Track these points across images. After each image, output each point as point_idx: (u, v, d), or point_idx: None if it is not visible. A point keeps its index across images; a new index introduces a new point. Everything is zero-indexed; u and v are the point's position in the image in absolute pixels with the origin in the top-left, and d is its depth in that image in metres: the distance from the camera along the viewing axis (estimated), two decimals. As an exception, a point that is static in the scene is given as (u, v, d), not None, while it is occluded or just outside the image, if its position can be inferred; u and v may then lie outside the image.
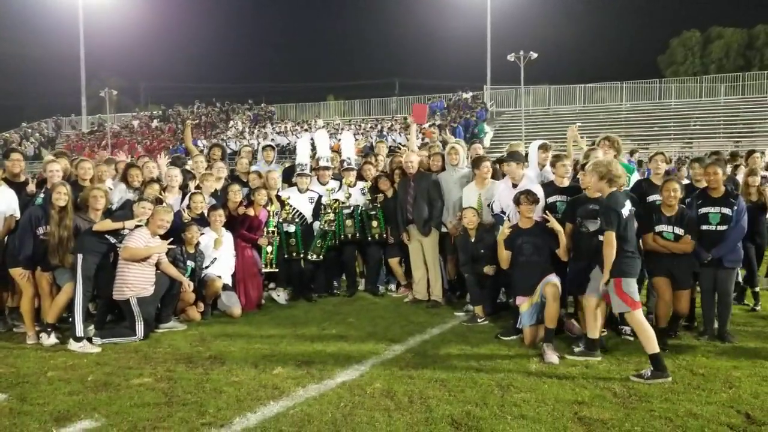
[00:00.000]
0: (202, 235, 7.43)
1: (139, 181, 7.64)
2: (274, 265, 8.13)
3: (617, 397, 4.71)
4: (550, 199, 6.55)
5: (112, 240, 6.42)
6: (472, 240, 7.04)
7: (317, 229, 8.31)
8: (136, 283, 6.43)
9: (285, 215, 8.23)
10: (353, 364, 5.50)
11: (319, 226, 8.30)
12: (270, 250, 8.06)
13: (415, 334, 6.54)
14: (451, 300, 7.99)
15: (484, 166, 7.40)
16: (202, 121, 42.30)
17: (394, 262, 8.50)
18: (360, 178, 8.74)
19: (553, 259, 6.16)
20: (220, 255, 7.59)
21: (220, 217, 7.55)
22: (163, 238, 6.68)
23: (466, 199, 7.41)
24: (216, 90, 57.44)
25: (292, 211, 8.31)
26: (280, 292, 8.30)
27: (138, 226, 6.50)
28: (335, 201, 8.40)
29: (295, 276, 8.39)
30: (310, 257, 8.24)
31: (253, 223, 7.97)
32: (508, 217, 6.64)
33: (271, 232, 8.07)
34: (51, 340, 6.24)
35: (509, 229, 6.28)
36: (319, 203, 8.46)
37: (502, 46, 38.25)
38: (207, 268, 7.48)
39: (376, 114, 42.01)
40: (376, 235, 8.33)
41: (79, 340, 6.04)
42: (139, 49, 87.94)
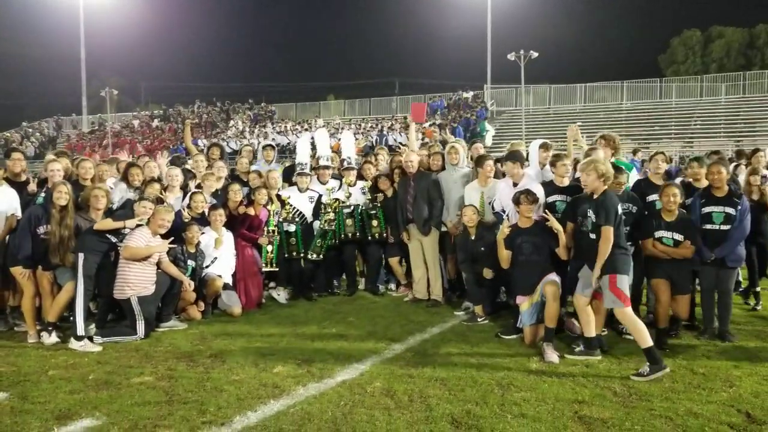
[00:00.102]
0: (203, 234, 7.44)
1: (140, 181, 7.65)
2: (275, 265, 8.14)
3: (617, 396, 4.72)
4: (550, 199, 6.55)
5: (113, 239, 6.43)
6: (472, 238, 7.04)
7: (317, 229, 8.32)
8: (136, 282, 6.43)
9: (285, 215, 8.24)
10: (353, 363, 5.50)
11: (319, 226, 8.31)
12: (270, 249, 8.07)
13: (415, 333, 6.54)
14: (451, 299, 8.00)
15: (488, 164, 7.41)
16: (203, 120, 42.30)
17: (394, 261, 8.51)
18: (360, 177, 8.75)
19: (553, 258, 6.16)
20: (220, 254, 7.61)
21: (221, 216, 7.56)
22: (164, 237, 6.70)
23: (468, 197, 7.40)
24: (216, 89, 57.67)
25: (293, 210, 8.32)
26: (280, 291, 8.31)
27: (139, 226, 6.51)
28: (335, 200, 8.41)
29: (296, 275, 8.40)
30: (310, 256, 8.25)
31: (254, 223, 7.98)
32: (507, 217, 6.64)
33: (271, 231, 8.08)
34: (52, 339, 6.25)
35: (509, 229, 6.29)
36: (320, 202, 8.47)
37: (502, 45, 38.37)
38: (207, 267, 7.50)
39: (376, 113, 41.99)
40: (376, 235, 8.34)
41: (80, 338, 6.06)
42: (140, 49, 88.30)
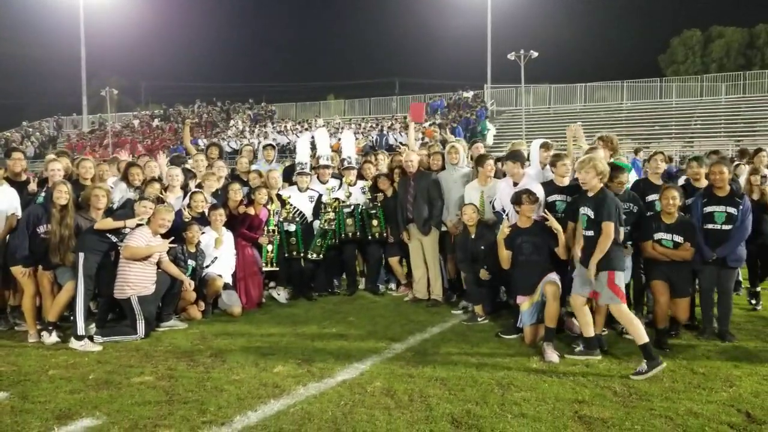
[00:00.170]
0: (203, 234, 7.44)
1: (140, 180, 7.65)
2: (275, 264, 8.15)
3: (617, 395, 4.72)
4: (550, 198, 6.54)
5: (114, 239, 6.43)
6: (472, 237, 7.04)
7: (317, 228, 8.32)
8: (137, 281, 6.43)
9: (285, 214, 8.24)
10: (353, 362, 5.51)
11: (319, 225, 8.31)
12: (270, 249, 8.07)
13: (415, 332, 6.54)
14: (451, 299, 8.00)
15: (488, 164, 7.42)
16: (203, 120, 42.28)
17: (395, 261, 8.51)
18: (360, 177, 8.75)
19: (552, 258, 6.16)
20: (220, 254, 7.61)
21: (221, 216, 7.56)
22: (164, 237, 6.70)
23: (468, 196, 7.41)
24: (217, 89, 57.66)
25: (293, 210, 8.32)
26: (280, 291, 8.31)
27: (139, 225, 6.50)
28: (335, 200, 8.41)
29: (296, 275, 8.40)
30: (310, 256, 8.25)
31: (254, 222, 7.98)
32: (507, 216, 6.64)
33: (271, 231, 8.08)
34: (52, 338, 6.26)
35: (509, 229, 6.29)
36: (320, 202, 8.47)
37: (502, 45, 38.34)
38: (208, 267, 7.50)
39: (376, 113, 41.94)
40: (377, 234, 8.34)
41: (80, 338, 6.06)
42: (140, 49, 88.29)
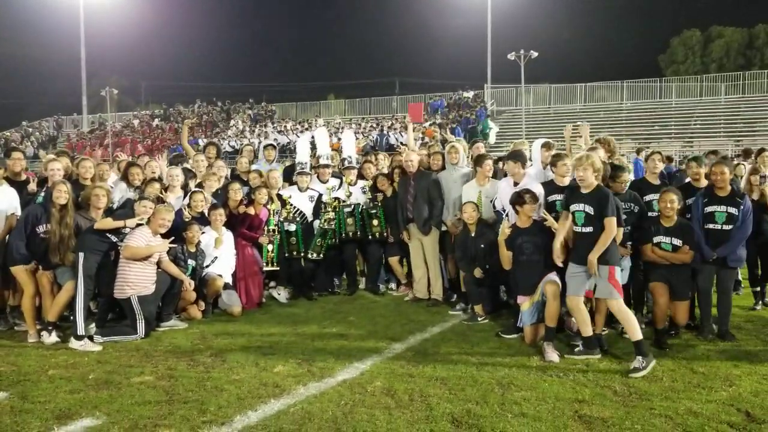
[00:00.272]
0: (203, 234, 7.44)
1: (140, 180, 7.65)
2: (275, 264, 8.15)
3: (617, 395, 4.72)
4: (550, 198, 6.53)
5: (113, 239, 6.43)
6: (472, 235, 7.05)
7: (317, 228, 8.32)
8: (137, 281, 6.43)
9: (285, 214, 8.24)
10: (354, 362, 5.50)
11: (319, 225, 8.30)
12: (271, 248, 8.07)
13: (415, 332, 6.54)
14: (451, 299, 7.99)
15: (486, 164, 7.43)
16: (203, 120, 42.28)
17: (395, 260, 8.50)
18: (360, 176, 8.75)
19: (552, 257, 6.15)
20: (220, 254, 7.61)
21: (221, 216, 7.56)
22: (164, 236, 6.69)
23: (465, 195, 7.40)
24: (217, 89, 57.71)
25: (293, 210, 8.32)
26: (280, 291, 8.31)
27: (139, 225, 6.50)
28: (335, 199, 8.41)
29: (296, 274, 8.40)
30: (310, 256, 8.25)
31: (254, 222, 7.98)
32: (506, 215, 6.64)
33: (271, 230, 8.08)
34: (52, 338, 6.25)
35: (509, 229, 6.29)
36: (320, 202, 8.47)
37: (502, 45, 38.34)
38: (208, 267, 7.50)
39: (376, 113, 41.93)
40: (377, 234, 8.34)
41: (80, 338, 6.06)
42: (140, 49, 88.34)
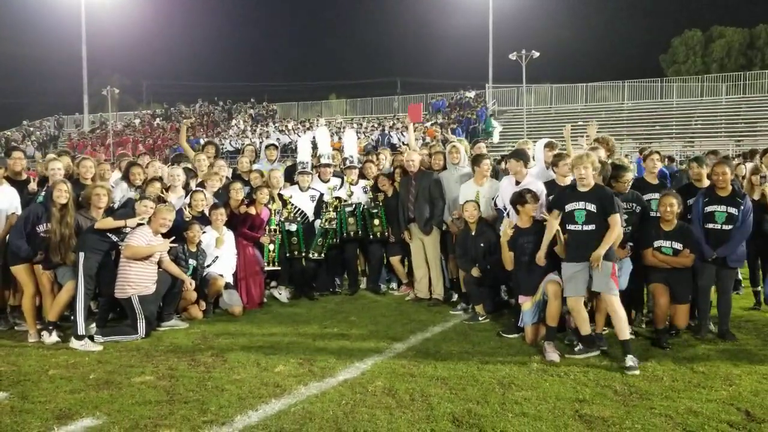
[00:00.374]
0: (204, 233, 7.44)
1: (141, 180, 7.65)
2: (276, 264, 8.14)
3: (618, 394, 4.72)
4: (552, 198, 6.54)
5: (114, 238, 6.42)
6: (473, 234, 7.05)
7: (318, 228, 8.31)
8: (138, 281, 6.43)
9: (286, 214, 8.24)
10: (355, 362, 5.51)
11: (320, 225, 8.30)
12: (272, 248, 8.07)
13: (416, 332, 6.54)
14: (452, 298, 7.99)
15: (485, 163, 7.43)
16: (204, 120, 42.30)
17: (396, 260, 8.50)
18: (362, 176, 8.75)
19: (553, 257, 6.14)
20: (221, 253, 7.60)
21: (222, 216, 7.56)
22: (165, 236, 6.69)
23: (463, 195, 7.39)
24: (218, 89, 57.69)
25: (294, 209, 8.32)
26: (281, 291, 8.31)
27: (140, 225, 6.49)
28: (337, 199, 8.41)
29: (297, 274, 8.40)
30: (311, 256, 8.25)
31: (255, 222, 7.98)
32: (507, 214, 6.65)
33: (273, 230, 8.07)
34: (52, 338, 6.25)
35: (512, 230, 6.28)
36: (321, 201, 8.46)
37: (504, 45, 38.41)
38: (209, 266, 7.49)
39: (378, 113, 41.93)
40: (378, 234, 8.34)
41: (80, 338, 6.06)
42: (141, 48, 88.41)
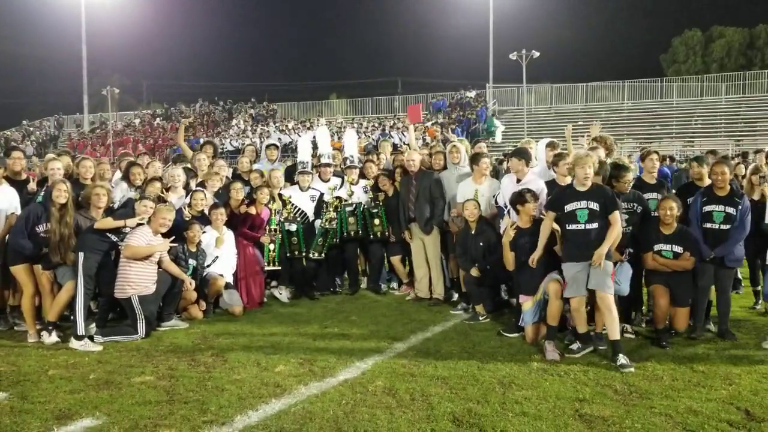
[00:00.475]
0: (204, 233, 7.44)
1: (141, 180, 7.65)
2: (277, 263, 8.14)
3: (618, 394, 4.72)
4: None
5: (114, 238, 6.41)
6: (473, 233, 7.05)
7: (318, 228, 8.31)
8: (137, 281, 6.42)
9: (286, 214, 8.23)
10: (355, 361, 5.50)
11: (320, 225, 8.30)
12: (272, 248, 8.06)
13: (417, 332, 6.54)
14: (452, 298, 7.98)
15: (483, 162, 7.42)
16: (205, 120, 42.31)
17: (397, 260, 8.50)
18: (362, 176, 8.75)
19: (553, 256, 6.15)
20: (221, 253, 7.60)
21: (222, 215, 7.55)
22: (165, 236, 6.69)
23: (461, 194, 7.39)
24: (219, 88, 57.67)
25: (294, 209, 8.32)
26: (282, 290, 8.31)
27: (140, 225, 6.49)
28: (337, 198, 8.40)
29: (298, 274, 8.39)
30: (312, 255, 8.24)
31: (255, 222, 7.97)
32: (508, 212, 6.65)
33: (273, 230, 8.07)
34: (52, 338, 6.24)
35: (514, 231, 6.28)
36: (321, 201, 8.46)
37: (504, 45, 38.42)
38: (209, 266, 7.49)
39: (378, 113, 41.95)
40: (378, 234, 8.33)
41: (80, 338, 6.05)
42: (142, 48, 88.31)
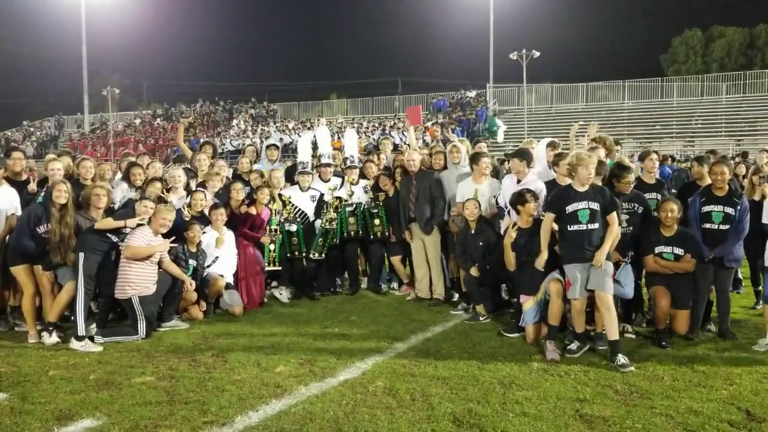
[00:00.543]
0: (204, 233, 7.43)
1: (142, 180, 7.65)
2: (277, 264, 8.14)
3: (618, 394, 4.72)
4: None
5: (114, 239, 6.41)
6: (472, 232, 7.05)
7: (318, 228, 8.31)
8: (138, 281, 6.42)
9: (286, 214, 8.23)
10: (355, 362, 5.50)
11: (320, 225, 8.29)
12: (273, 248, 8.06)
13: (417, 332, 6.54)
14: (453, 298, 7.98)
15: (483, 161, 7.42)
16: (205, 120, 42.31)
17: (397, 260, 8.50)
18: (362, 176, 8.74)
19: (554, 256, 6.14)
20: (221, 254, 7.59)
21: (222, 216, 7.55)
22: (166, 236, 6.69)
23: (461, 193, 7.39)
24: (219, 88, 57.59)
25: (294, 210, 8.32)
26: (282, 291, 8.31)
27: (140, 225, 6.49)
28: (337, 198, 8.40)
29: (298, 274, 8.39)
30: (312, 256, 8.24)
31: (256, 222, 7.97)
32: (508, 212, 6.65)
33: (273, 230, 8.06)
34: (52, 339, 6.24)
35: (515, 232, 6.28)
36: (322, 201, 8.45)
37: (504, 44, 38.38)
38: (209, 266, 7.49)
39: (378, 113, 41.95)
40: (378, 234, 8.33)
41: (80, 339, 6.05)
42: (142, 48, 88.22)
